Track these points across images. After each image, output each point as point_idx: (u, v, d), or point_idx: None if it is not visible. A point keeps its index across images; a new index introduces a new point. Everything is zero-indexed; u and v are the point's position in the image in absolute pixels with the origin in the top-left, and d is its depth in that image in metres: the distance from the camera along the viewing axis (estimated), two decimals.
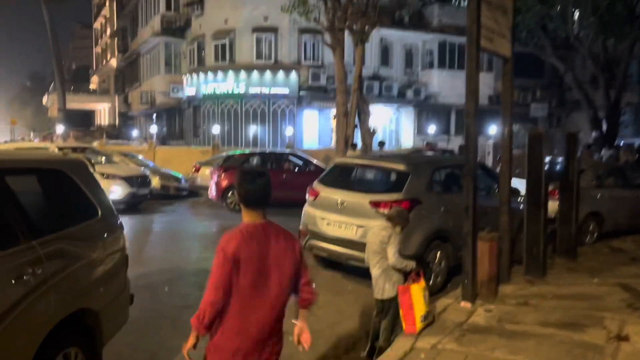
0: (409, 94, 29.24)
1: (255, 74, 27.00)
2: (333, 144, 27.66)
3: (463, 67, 5.44)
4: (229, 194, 13.42)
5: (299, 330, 2.85)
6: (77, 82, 69.44)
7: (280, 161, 14.29)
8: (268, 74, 26.95)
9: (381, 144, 19.38)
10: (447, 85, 29.03)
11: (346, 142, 18.22)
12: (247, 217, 2.75)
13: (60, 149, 12.60)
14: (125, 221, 11.99)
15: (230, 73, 27.28)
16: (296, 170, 14.28)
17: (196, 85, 28.77)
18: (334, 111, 27.38)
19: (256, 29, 26.95)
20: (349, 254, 6.59)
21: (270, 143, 27.07)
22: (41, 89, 71.92)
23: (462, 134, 29.85)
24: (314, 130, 27.98)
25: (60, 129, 29.59)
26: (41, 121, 68.95)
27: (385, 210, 6.33)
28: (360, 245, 5.86)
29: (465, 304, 5.58)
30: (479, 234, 5.78)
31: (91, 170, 3.97)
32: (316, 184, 7.29)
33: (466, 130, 5.65)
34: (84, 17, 66.06)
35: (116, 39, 47.02)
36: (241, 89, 27.08)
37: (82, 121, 54.75)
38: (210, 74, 27.95)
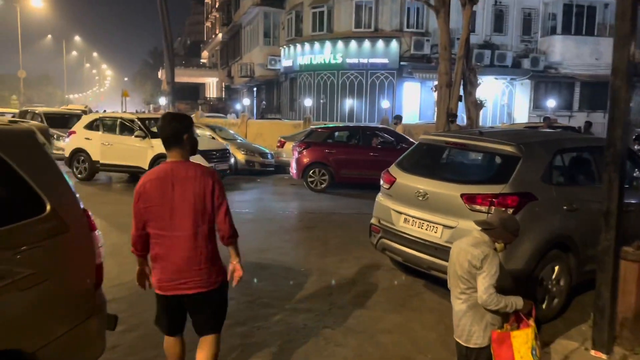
0: (525, 63, 25.96)
1: (353, 43, 25.42)
2: (435, 118, 25.59)
3: (592, 33, 3.53)
4: (311, 172, 12.19)
5: (232, 267, 3.17)
6: (190, 56, 72.44)
7: (367, 137, 12.73)
8: (367, 43, 25.24)
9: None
10: (571, 53, 25.37)
11: (448, 116, 16.19)
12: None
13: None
14: None
15: (328, 43, 25.93)
16: (386, 147, 12.66)
17: (293, 56, 27.83)
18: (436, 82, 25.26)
19: None
20: (431, 262, 5.01)
21: (367, 117, 25.50)
22: (160, 64, 75.99)
23: (587, 110, 26.14)
24: (414, 103, 25.91)
25: (162, 101, 30.18)
26: (157, 94, 72.86)
27: (484, 208, 4.64)
28: (446, 252, 4.31)
29: (598, 354, 3.81)
30: (623, 250, 3.95)
31: (42, 143, 2.77)
32: (393, 168, 5.71)
33: (612, 96, 3.77)
34: None
35: (220, 12, 47.52)
36: (338, 60, 25.68)
37: (190, 94, 56.74)
38: (307, 45, 26.82)
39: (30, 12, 63.13)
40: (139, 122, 12.50)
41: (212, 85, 57.32)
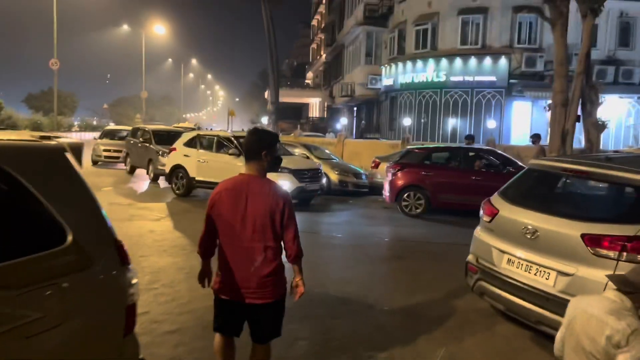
0: None
1: (458, 60, 24.26)
2: (548, 140, 23.53)
3: None
4: (405, 196, 11.41)
5: (295, 283, 3.25)
6: (296, 78, 74.60)
7: (469, 159, 11.69)
8: (473, 60, 23.96)
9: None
10: None
11: (564, 138, 14.63)
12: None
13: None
14: None
15: (431, 61, 25.00)
16: (490, 170, 11.55)
17: (394, 75, 27.21)
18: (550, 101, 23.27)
19: (463, 11, 24.14)
20: (541, 315, 4.09)
21: None
22: (267, 85, 79.04)
23: None
24: (524, 124, 24.06)
25: (265, 120, 30.88)
26: (262, 114, 75.57)
27: (612, 253, 3.69)
28: (560, 305, 3.47)
29: None
30: None
31: (73, 164, 2.40)
32: (496, 198, 4.84)
33: None
34: (308, 17, 69.96)
35: (325, 33, 48.22)
36: (442, 78, 24.62)
37: (294, 114, 58.15)
38: (409, 63, 26.08)
39: (153, 38, 68.79)
40: (234, 140, 12.55)
41: (315, 106, 58.29)
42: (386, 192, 11.83)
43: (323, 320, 5.07)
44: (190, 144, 13.34)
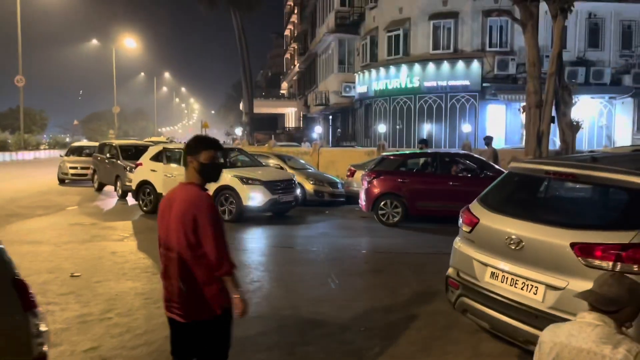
0: (627, 80, 23.38)
1: (430, 65, 24.17)
2: (523, 142, 23.51)
3: None
4: (382, 204, 11.03)
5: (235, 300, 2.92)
6: (271, 88, 74.28)
7: (445, 164, 11.38)
8: (446, 65, 23.89)
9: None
10: None
11: (539, 140, 14.48)
12: None
13: None
14: (258, 232, 10.44)
15: (404, 67, 24.87)
16: (468, 175, 11.26)
17: (367, 82, 27.01)
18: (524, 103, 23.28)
19: (433, 16, 24.10)
20: (529, 333, 3.69)
21: (447, 143, 23.94)
22: (241, 97, 78.55)
23: None
24: (499, 127, 24.02)
25: (239, 131, 30.37)
26: (239, 125, 74.96)
27: (605, 264, 3.33)
28: (550, 322, 3.06)
29: None
30: None
31: None
32: (475, 206, 4.45)
33: None
34: (281, 28, 69.85)
35: (298, 43, 48.00)
36: (415, 83, 24.49)
37: (270, 125, 57.68)
38: (382, 70, 25.92)
39: (124, 52, 67.74)
40: None
41: (291, 116, 58.00)
42: (362, 201, 11.44)
43: (293, 348, 4.60)
44: (157, 158, 12.78)
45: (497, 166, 11.43)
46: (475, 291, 4.18)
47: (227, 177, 11.42)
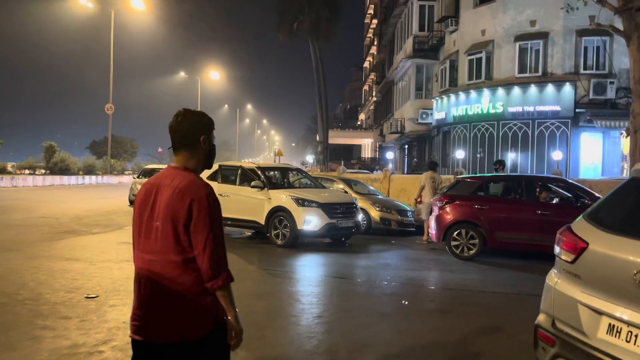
0: None
1: (516, 90, 22.27)
2: (625, 174, 20.85)
3: None
4: (455, 234, 9.52)
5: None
6: (348, 119, 74.32)
7: (533, 189, 9.69)
8: (533, 89, 21.90)
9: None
10: None
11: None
12: None
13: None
14: (311, 260, 9.31)
15: (486, 91, 23.13)
16: (560, 204, 9.52)
17: (446, 108, 25.46)
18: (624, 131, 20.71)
19: (520, 37, 22.30)
20: None
21: (534, 173, 21.72)
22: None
23: None
24: (595, 156, 21.53)
25: (310, 158, 29.75)
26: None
27: None
28: None
29: None
30: None
31: None
32: (581, 225, 3.05)
33: None
34: (361, 61, 70.22)
35: (375, 72, 47.36)
36: (498, 109, 22.63)
37: (345, 155, 57.10)
38: (462, 95, 24.32)
39: (209, 84, 70.58)
40: (258, 172, 11.20)
41: (367, 146, 57.36)
42: (432, 229, 9.98)
43: None
44: (213, 177, 12.09)
45: (596, 194, 9.57)
46: (581, 351, 2.76)
47: (282, 197, 10.46)
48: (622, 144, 21.49)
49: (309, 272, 8.41)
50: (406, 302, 6.35)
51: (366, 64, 63.48)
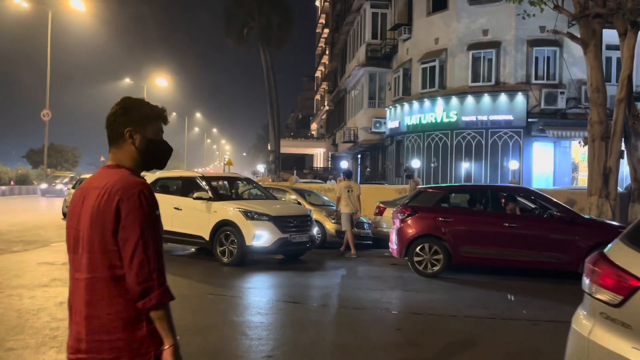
0: None
1: (469, 99, 22.11)
2: (575, 184, 20.98)
3: None
4: (418, 249, 8.78)
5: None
6: (300, 129, 73.69)
7: (498, 200, 9.12)
8: (486, 98, 21.80)
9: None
10: None
11: (606, 178, 12.17)
12: None
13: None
14: (261, 281, 8.31)
15: (439, 100, 22.88)
16: (529, 215, 8.98)
17: (399, 117, 25.08)
18: (576, 141, 20.87)
19: (473, 46, 22.19)
20: None
21: (487, 182, 21.53)
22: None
23: None
24: (547, 167, 21.60)
25: (261, 168, 28.80)
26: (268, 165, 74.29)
27: None
28: None
29: None
30: None
31: None
32: (620, 252, 2.28)
33: None
34: (312, 71, 69.83)
35: (328, 82, 46.96)
36: (452, 118, 22.40)
37: (297, 165, 56.27)
38: (415, 104, 23.99)
39: (156, 91, 68.21)
40: (202, 181, 10.13)
41: (319, 156, 56.85)
42: (393, 244, 9.20)
43: None
44: (155, 188, 10.91)
45: (564, 205, 9.10)
46: None
47: (229, 210, 9.45)
48: (571, 154, 21.70)
49: (259, 296, 7.41)
50: (369, 333, 5.49)
51: (318, 74, 63.12)
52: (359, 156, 35.73)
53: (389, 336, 5.46)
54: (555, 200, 9.09)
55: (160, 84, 65.16)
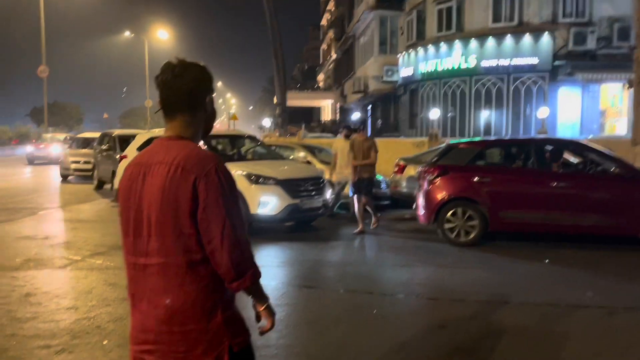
0: None
1: (490, 41, 20.39)
2: (604, 132, 19.55)
3: None
4: (449, 214, 7.58)
5: (259, 319, 1.81)
6: (307, 81, 71.50)
7: (543, 156, 7.83)
8: (509, 40, 20.08)
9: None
10: None
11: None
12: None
13: None
14: (268, 256, 7.23)
15: (457, 44, 21.17)
16: (578, 173, 7.72)
17: (413, 63, 23.42)
18: (608, 85, 19.28)
19: None
20: None
21: (508, 132, 20.16)
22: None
23: None
24: (573, 114, 20.10)
25: (267, 122, 27.46)
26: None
27: None
28: None
29: None
30: None
31: None
32: None
33: None
34: (318, 19, 66.87)
35: (334, 29, 44.77)
36: (471, 63, 20.77)
37: (304, 118, 54.60)
38: (431, 49, 22.28)
39: (157, 44, 65.96)
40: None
41: (327, 108, 55.10)
42: (420, 208, 8.00)
43: None
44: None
45: (614, 154, 7.78)
46: None
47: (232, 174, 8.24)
48: (599, 99, 20.13)
49: (266, 279, 6.29)
50: (405, 334, 4.36)
51: (324, 22, 60.48)
52: (370, 107, 34.17)
53: (431, 338, 4.31)
54: (613, 154, 7.75)
55: (161, 37, 62.93)
